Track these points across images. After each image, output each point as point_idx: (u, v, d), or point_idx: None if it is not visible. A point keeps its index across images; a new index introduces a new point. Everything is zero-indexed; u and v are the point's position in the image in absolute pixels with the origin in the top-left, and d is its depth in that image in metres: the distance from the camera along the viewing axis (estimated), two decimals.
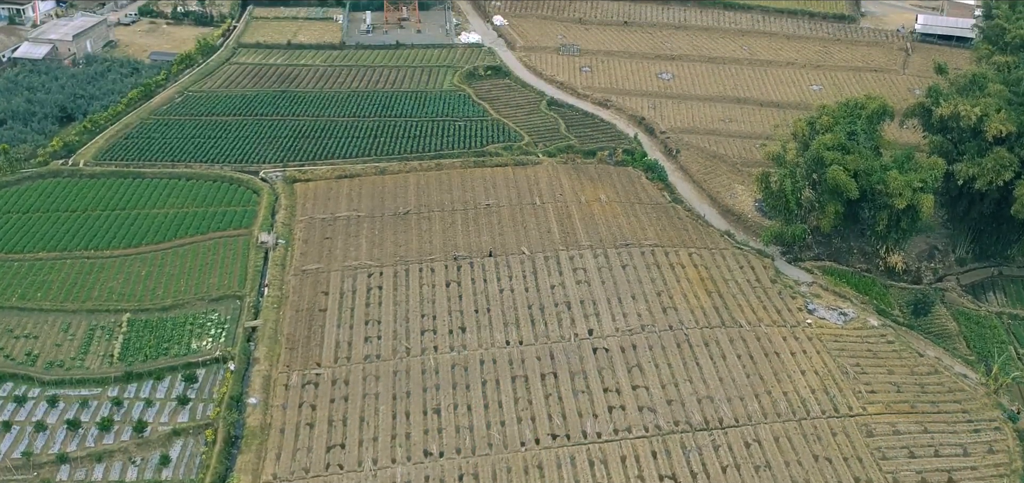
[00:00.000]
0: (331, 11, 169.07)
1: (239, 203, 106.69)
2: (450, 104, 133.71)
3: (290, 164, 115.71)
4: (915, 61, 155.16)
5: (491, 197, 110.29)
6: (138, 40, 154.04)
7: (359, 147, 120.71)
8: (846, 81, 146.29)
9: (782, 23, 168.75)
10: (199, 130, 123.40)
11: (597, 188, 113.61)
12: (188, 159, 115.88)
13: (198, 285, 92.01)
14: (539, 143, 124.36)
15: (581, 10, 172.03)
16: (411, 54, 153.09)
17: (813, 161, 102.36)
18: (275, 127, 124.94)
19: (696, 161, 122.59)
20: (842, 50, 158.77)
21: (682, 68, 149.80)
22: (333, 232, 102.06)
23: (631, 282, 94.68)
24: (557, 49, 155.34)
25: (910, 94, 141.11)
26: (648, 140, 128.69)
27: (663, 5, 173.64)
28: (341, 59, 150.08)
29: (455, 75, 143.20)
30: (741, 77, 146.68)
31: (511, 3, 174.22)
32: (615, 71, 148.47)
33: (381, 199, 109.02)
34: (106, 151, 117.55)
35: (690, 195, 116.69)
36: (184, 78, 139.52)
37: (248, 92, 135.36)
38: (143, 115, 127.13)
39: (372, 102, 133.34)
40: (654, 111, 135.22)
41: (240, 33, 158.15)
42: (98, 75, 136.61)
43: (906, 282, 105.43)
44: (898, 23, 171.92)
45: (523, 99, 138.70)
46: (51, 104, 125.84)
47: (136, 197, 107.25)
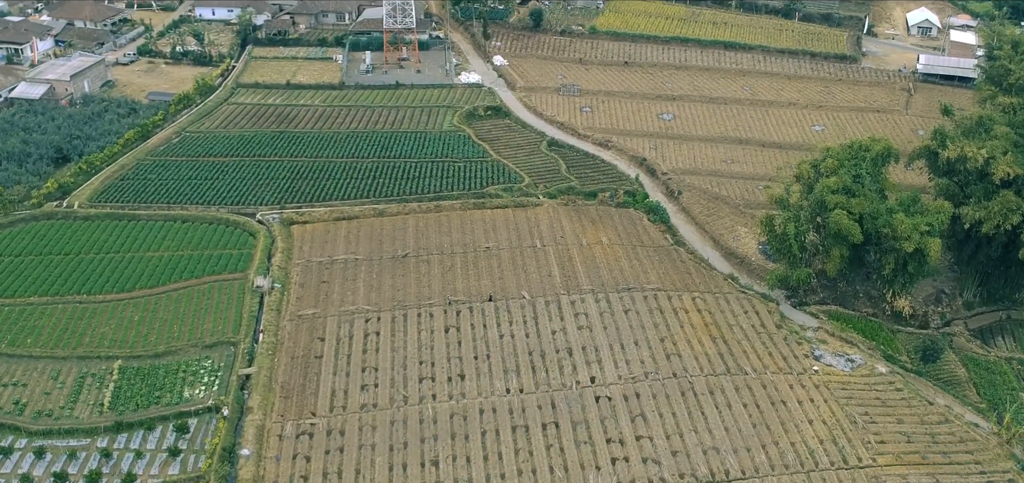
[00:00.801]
0: (331, 51, 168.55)
1: (235, 246, 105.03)
2: (450, 144, 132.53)
3: (287, 206, 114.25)
4: (917, 101, 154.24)
5: (491, 240, 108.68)
6: (136, 80, 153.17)
7: (357, 188, 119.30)
8: (849, 121, 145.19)
9: (783, 63, 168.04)
10: (196, 171, 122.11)
11: (598, 230, 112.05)
12: (184, 201, 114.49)
13: (192, 331, 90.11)
14: (540, 184, 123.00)
15: (581, 50, 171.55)
16: (411, 94, 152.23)
17: (817, 204, 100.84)
18: (273, 168, 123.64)
19: (698, 203, 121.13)
20: (844, 90, 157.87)
21: (683, 108, 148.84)
22: (330, 276, 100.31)
23: (634, 328, 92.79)
24: (557, 89, 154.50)
25: (913, 134, 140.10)
26: (650, 181, 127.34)
27: (663, 45, 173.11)
28: (340, 99, 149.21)
29: (455, 115, 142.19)
30: (742, 117, 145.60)
31: (511, 43, 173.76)
32: (616, 111, 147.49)
33: (379, 242, 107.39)
34: (101, 192, 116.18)
35: (693, 237, 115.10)
36: (182, 118, 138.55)
37: (246, 132, 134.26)
38: (140, 156, 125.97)
39: (371, 143, 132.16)
40: (655, 152, 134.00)
41: (239, 73, 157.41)
42: (95, 115, 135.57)
43: (913, 327, 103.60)
44: (899, 63, 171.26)
45: (523, 139, 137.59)
46: (47, 145, 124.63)
47: (131, 240, 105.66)
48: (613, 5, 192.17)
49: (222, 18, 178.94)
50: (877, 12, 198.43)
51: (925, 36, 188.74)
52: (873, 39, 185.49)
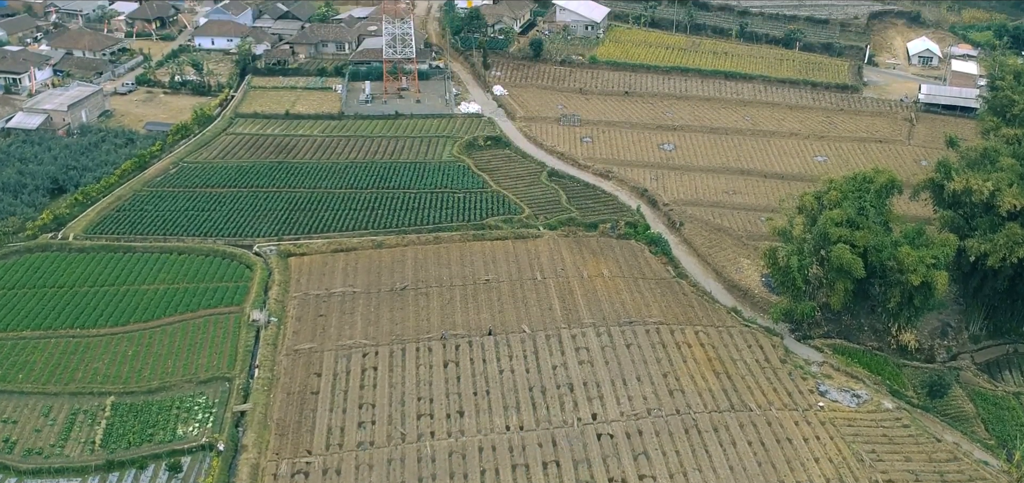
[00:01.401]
0: (330, 80, 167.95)
1: (231, 278, 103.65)
2: (449, 175, 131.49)
3: (285, 237, 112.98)
4: (920, 131, 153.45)
5: (491, 272, 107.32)
6: (134, 110, 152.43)
7: (356, 220, 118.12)
8: (851, 152, 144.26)
9: (784, 93, 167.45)
10: (193, 202, 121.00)
11: (599, 262, 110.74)
12: (181, 232, 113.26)
13: (186, 366, 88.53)
14: (540, 215, 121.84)
15: (581, 80, 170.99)
16: (410, 124, 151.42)
17: (821, 237, 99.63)
18: (270, 199, 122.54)
19: (700, 234, 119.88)
20: (846, 120, 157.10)
21: (684, 138, 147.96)
22: (327, 309, 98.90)
23: (636, 362, 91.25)
24: (557, 119, 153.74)
25: (916, 165, 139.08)
26: (651, 212, 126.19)
27: (664, 75, 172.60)
28: (339, 129, 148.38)
29: (454, 145, 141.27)
30: (744, 148, 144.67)
31: (511, 73, 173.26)
32: (616, 141, 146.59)
33: (378, 274, 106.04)
34: (97, 224, 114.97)
35: (695, 269, 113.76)
36: (179, 148, 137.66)
37: (244, 163, 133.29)
38: (136, 187, 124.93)
39: (370, 173, 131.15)
40: (656, 182, 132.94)
41: (238, 103, 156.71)
42: (92, 146, 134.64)
43: (919, 361, 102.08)
44: (901, 92, 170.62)
45: (523, 170, 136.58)
46: (43, 176, 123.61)
47: (126, 272, 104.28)
48: (613, 35, 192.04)
49: (222, 48, 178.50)
50: (877, 42, 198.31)
51: (926, 65, 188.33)
52: (874, 69, 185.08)
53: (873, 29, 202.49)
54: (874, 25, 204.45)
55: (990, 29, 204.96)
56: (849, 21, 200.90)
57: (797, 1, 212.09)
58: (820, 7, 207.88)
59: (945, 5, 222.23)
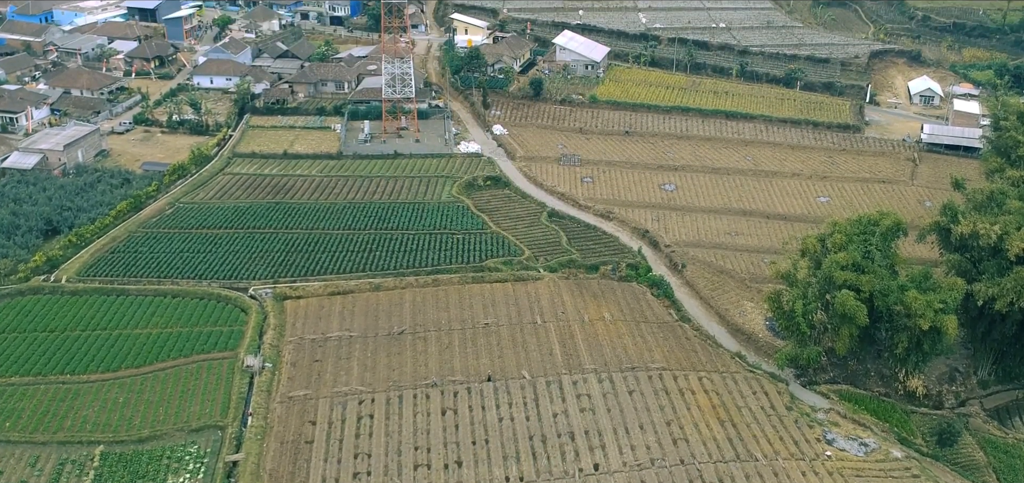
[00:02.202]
0: (329, 120, 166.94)
1: (226, 323, 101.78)
2: (448, 216, 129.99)
3: (281, 280, 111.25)
4: (923, 171, 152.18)
5: (490, 315, 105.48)
6: (131, 149, 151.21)
7: (353, 261, 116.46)
8: (854, 193, 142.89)
9: (786, 133, 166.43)
10: (188, 244, 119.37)
11: (601, 306, 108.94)
12: (175, 275, 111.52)
13: (178, 414, 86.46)
14: (540, 257, 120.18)
15: (581, 119, 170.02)
16: (409, 164, 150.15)
17: (826, 281, 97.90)
18: (267, 240, 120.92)
19: (703, 276, 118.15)
20: (848, 160, 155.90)
21: (685, 179, 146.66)
22: (323, 354, 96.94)
23: (639, 410, 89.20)
24: (558, 159, 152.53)
25: (920, 206, 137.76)
26: (652, 254, 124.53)
27: (664, 115, 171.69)
28: (338, 169, 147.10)
29: (454, 186, 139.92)
30: (746, 188, 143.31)
31: (511, 112, 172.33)
32: (617, 182, 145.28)
33: (375, 317, 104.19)
34: (90, 266, 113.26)
35: (698, 313, 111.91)
36: (176, 189, 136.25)
37: (241, 203, 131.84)
38: (131, 228, 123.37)
39: (368, 214, 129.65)
40: (658, 223, 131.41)
41: (236, 142, 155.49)
42: (87, 186, 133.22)
43: (927, 407, 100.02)
44: (903, 132, 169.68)
45: (523, 210, 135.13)
46: (37, 216, 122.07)
47: (118, 316, 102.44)
48: (613, 74, 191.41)
49: (220, 87, 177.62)
50: (878, 81, 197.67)
51: (927, 105, 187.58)
52: (875, 108, 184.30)
53: (874, 68, 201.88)
54: (875, 64, 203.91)
55: (991, 68, 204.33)
56: (850, 60, 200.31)
57: (797, 40, 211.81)
58: (820, 46, 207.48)
59: (945, 44, 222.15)
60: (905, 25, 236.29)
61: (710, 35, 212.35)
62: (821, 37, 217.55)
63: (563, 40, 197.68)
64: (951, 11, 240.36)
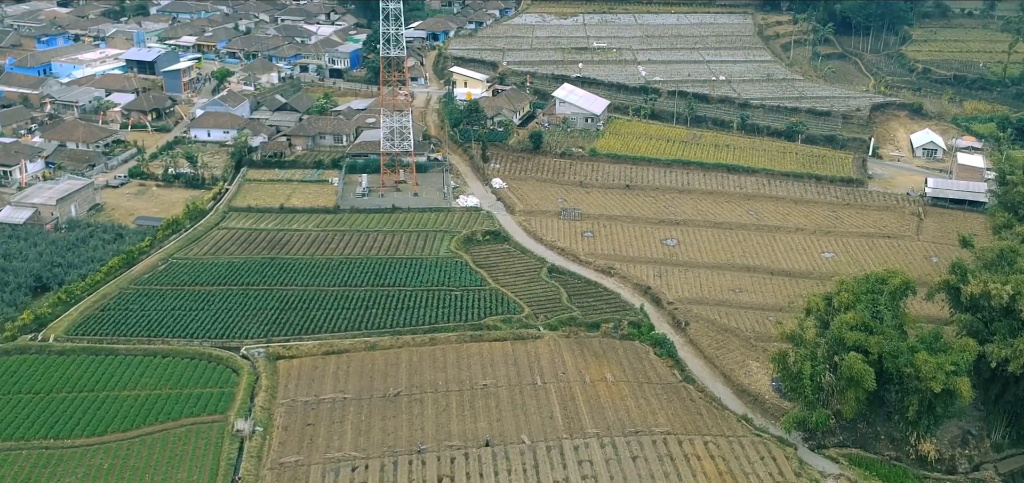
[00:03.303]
0: (327, 173, 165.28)
1: (216, 384, 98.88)
2: (446, 272, 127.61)
3: (274, 339, 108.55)
4: (929, 226, 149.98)
5: (489, 376, 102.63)
6: (125, 203, 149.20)
7: (349, 320, 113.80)
8: (859, 248, 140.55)
9: (788, 187, 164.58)
10: (181, 301, 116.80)
11: (602, 366, 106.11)
12: (166, 334, 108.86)
13: (164, 482, 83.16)
14: (540, 314, 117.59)
15: (581, 173, 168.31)
16: (407, 218, 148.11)
17: (835, 342, 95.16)
18: (261, 297, 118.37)
19: (706, 335, 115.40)
20: (852, 215, 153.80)
21: (687, 233, 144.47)
22: (316, 417, 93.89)
23: (643, 477, 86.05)
24: (558, 213, 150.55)
25: (927, 262, 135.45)
26: (655, 311, 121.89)
27: (665, 168, 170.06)
28: (334, 223, 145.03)
29: (452, 240, 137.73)
30: (749, 243, 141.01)
31: (510, 165, 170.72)
32: (618, 236, 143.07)
33: (370, 379, 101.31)
34: (79, 324, 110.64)
35: (702, 373, 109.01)
36: (170, 244, 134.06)
37: (235, 259, 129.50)
38: (123, 284, 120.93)
39: (365, 270, 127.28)
40: (660, 279, 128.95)
41: (232, 196, 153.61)
42: (79, 241, 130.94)
43: (940, 472, 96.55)
44: (907, 186, 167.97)
45: (523, 266, 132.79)
46: (26, 273, 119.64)
47: (106, 377, 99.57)
48: (613, 127, 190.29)
49: (218, 139, 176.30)
50: (880, 134, 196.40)
51: (930, 158, 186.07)
52: (878, 161, 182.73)
53: (875, 121, 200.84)
54: (876, 117, 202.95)
55: (993, 121, 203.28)
56: (851, 113, 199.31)
57: (798, 93, 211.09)
58: (821, 99, 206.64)
59: (946, 97, 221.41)
60: (905, 78, 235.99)
61: (710, 88, 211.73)
62: (822, 90, 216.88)
63: (563, 93, 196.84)
64: (951, 64, 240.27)
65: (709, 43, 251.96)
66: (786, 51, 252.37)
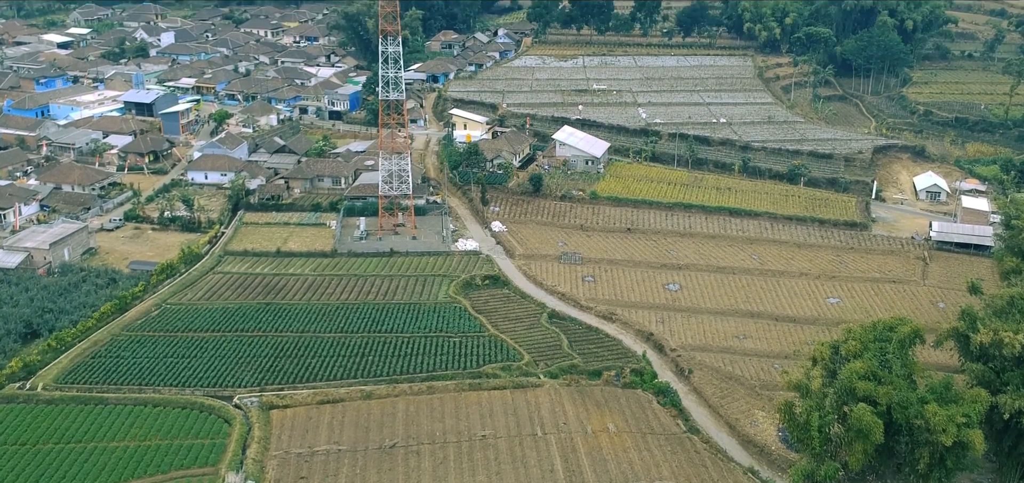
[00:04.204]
0: (325, 216, 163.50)
1: (208, 435, 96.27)
2: (445, 318, 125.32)
3: (268, 388, 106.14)
4: (934, 270, 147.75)
5: (487, 426, 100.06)
6: (120, 247, 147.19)
7: (345, 367, 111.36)
8: (864, 293, 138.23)
9: (791, 230, 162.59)
10: (173, 348, 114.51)
11: (604, 415, 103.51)
12: (158, 382, 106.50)
13: None
14: (540, 362, 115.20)
15: (582, 216, 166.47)
16: (405, 262, 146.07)
17: (843, 391, 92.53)
18: (255, 344, 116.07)
19: (711, 383, 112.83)
20: (857, 259, 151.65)
21: (690, 278, 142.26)
22: (309, 471, 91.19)
23: None
24: (558, 257, 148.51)
25: (934, 307, 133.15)
26: (657, 358, 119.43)
27: (666, 211, 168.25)
28: (332, 267, 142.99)
29: (451, 285, 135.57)
30: (753, 288, 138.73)
31: (510, 208, 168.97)
32: (619, 281, 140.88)
33: (366, 429, 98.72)
34: (69, 372, 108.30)
35: (706, 422, 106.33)
36: (163, 289, 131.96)
37: (230, 305, 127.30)
38: (115, 330, 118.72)
39: (361, 316, 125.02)
40: (663, 325, 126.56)
41: (228, 240, 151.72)
42: (72, 286, 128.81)
43: None
44: (911, 229, 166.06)
45: (522, 311, 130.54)
46: (16, 319, 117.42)
47: (95, 428, 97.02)
48: (614, 170, 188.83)
49: (215, 182, 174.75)
50: (883, 176, 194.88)
51: (934, 201, 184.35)
52: (881, 204, 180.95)
53: (878, 163, 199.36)
54: (879, 159, 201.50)
55: (996, 163, 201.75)
56: (853, 156, 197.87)
57: (799, 136, 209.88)
58: (823, 142, 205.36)
59: (948, 139, 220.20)
60: (907, 119, 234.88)
61: (711, 130, 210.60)
62: (823, 132, 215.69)
63: (563, 135, 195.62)
64: (952, 106, 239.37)
65: (709, 85, 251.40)
66: (787, 93, 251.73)
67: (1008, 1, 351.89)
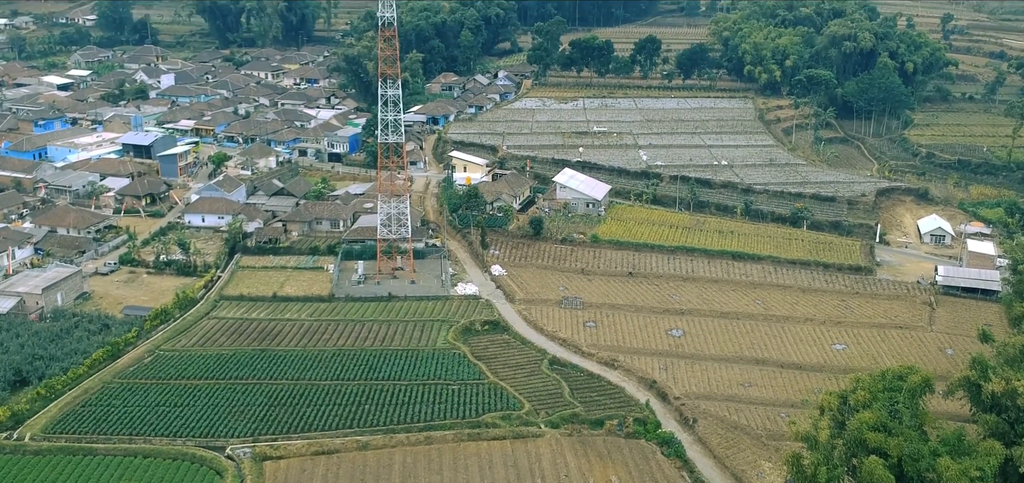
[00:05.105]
0: (322, 260, 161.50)
1: None
2: (443, 365, 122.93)
3: (262, 438, 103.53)
4: (941, 316, 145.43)
5: (487, 479, 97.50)
6: (114, 291, 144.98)
7: (341, 416, 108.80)
8: (871, 339, 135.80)
9: (796, 275, 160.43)
10: (166, 396, 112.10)
11: (607, 468, 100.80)
12: (149, 432, 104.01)
13: None
14: (540, 411, 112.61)
15: (583, 260, 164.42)
16: (404, 307, 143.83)
17: (853, 443, 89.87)
18: (249, 392, 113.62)
19: (716, 433, 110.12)
20: (862, 304, 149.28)
21: (693, 324, 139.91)
22: None
23: None
24: (559, 302, 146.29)
25: (942, 354, 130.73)
26: (661, 407, 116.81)
27: (668, 255, 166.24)
28: (329, 312, 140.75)
29: (450, 331, 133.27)
30: (757, 334, 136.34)
31: (510, 252, 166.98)
32: (622, 326, 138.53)
33: (361, 482, 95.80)
34: (58, 421, 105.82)
35: (712, 474, 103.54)
36: (157, 335, 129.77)
37: (224, 351, 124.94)
38: (106, 378, 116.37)
39: (358, 363, 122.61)
40: (666, 373, 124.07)
41: (224, 284, 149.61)
42: (64, 332, 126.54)
43: None
44: (916, 273, 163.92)
45: (523, 358, 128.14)
46: (5, 366, 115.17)
47: (83, 479, 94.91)
48: (615, 213, 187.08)
49: (212, 225, 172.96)
50: (887, 219, 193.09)
51: (939, 244, 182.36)
52: (885, 247, 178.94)
53: (881, 206, 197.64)
54: (882, 202, 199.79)
55: (1000, 206, 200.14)
56: (856, 198, 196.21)
57: (801, 178, 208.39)
58: (825, 184, 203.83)
59: (952, 181, 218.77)
60: (909, 162, 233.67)
61: (712, 172, 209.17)
62: (825, 175, 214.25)
63: (563, 178, 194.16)
64: (954, 148, 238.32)
65: (710, 127, 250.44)
66: (788, 135, 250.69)
67: (1006, 43, 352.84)
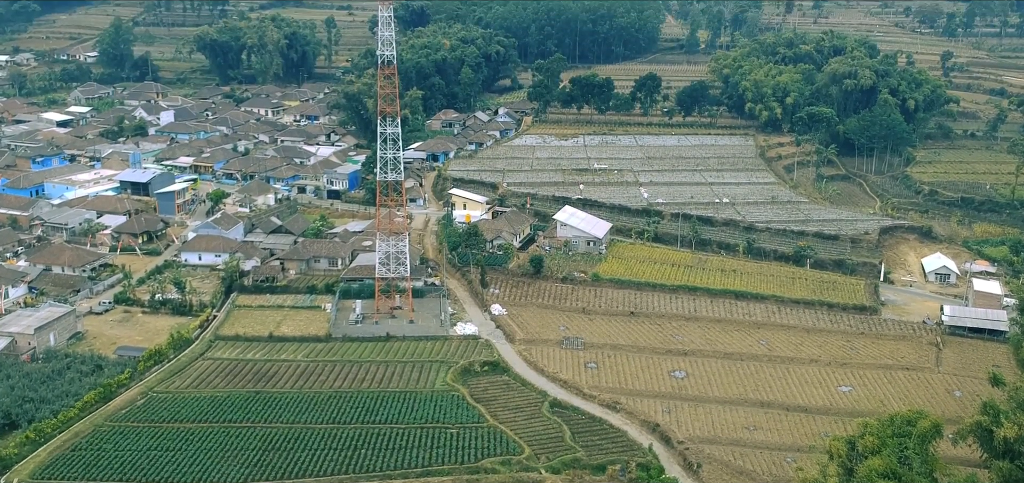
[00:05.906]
0: (320, 299, 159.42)
1: None
2: (442, 407, 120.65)
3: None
4: (948, 357, 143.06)
5: None
6: (108, 331, 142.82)
7: (336, 462, 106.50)
8: (877, 381, 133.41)
9: (799, 315, 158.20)
10: (157, 440, 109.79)
11: None
12: (139, 478, 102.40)
13: None
14: (541, 455, 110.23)
15: (584, 299, 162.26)
16: (402, 347, 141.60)
17: None
18: (243, 437, 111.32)
19: (721, 478, 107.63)
20: (868, 345, 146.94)
21: (696, 365, 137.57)
22: None
23: None
24: (560, 342, 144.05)
25: (950, 396, 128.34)
26: (664, 451, 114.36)
27: (670, 294, 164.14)
28: (326, 353, 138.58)
29: (449, 372, 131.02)
30: (762, 376, 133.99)
31: (510, 291, 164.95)
32: (623, 368, 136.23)
33: None
34: (47, 467, 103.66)
35: None
36: (151, 376, 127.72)
37: (219, 393, 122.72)
38: (98, 421, 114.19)
39: (355, 405, 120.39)
40: (669, 415, 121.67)
41: (219, 324, 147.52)
42: (55, 374, 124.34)
43: None
44: (921, 313, 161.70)
45: (523, 399, 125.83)
46: None
47: None
48: (616, 251, 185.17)
49: (209, 263, 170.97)
50: (890, 258, 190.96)
51: (944, 283, 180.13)
52: (890, 286, 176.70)
53: (885, 245, 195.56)
54: (885, 240, 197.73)
55: (1005, 244, 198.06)
56: (859, 236, 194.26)
57: (804, 216, 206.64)
58: (828, 222, 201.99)
59: (955, 219, 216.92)
60: (912, 199, 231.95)
61: (714, 210, 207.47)
62: (828, 212, 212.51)
63: (564, 216, 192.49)
64: (957, 185, 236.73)
65: (711, 165, 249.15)
66: (789, 173, 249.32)
67: (1007, 80, 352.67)
